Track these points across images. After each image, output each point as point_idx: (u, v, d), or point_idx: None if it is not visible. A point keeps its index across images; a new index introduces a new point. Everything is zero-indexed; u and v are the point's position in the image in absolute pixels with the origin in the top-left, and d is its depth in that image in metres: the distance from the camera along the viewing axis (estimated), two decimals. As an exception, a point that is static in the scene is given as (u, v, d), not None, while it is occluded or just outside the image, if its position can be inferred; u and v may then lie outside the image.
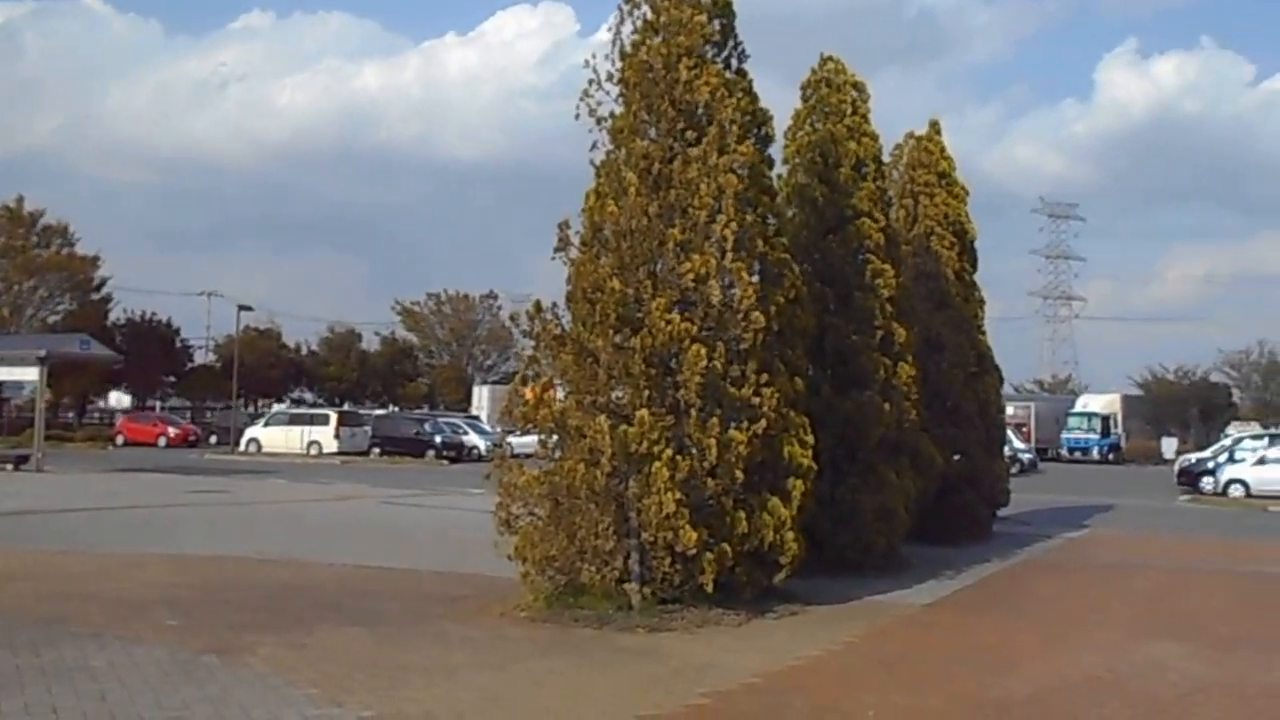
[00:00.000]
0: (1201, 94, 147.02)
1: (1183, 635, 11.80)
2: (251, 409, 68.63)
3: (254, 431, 49.89)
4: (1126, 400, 68.56)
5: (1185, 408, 77.28)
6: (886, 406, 15.01)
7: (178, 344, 67.97)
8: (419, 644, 9.98)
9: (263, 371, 68.24)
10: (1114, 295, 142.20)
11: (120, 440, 53.40)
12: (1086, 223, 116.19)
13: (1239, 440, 42.63)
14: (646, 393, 11.48)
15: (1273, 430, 51.68)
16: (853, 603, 12.81)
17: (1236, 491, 35.36)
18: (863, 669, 9.88)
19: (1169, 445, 63.20)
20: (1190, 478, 39.20)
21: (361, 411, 58.39)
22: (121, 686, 7.97)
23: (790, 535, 11.89)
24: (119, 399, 73.97)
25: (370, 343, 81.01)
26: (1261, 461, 36.67)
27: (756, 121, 12.92)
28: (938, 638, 11.42)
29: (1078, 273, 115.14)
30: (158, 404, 70.51)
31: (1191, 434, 71.51)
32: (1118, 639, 11.53)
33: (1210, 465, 38.94)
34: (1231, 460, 38.09)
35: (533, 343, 12.33)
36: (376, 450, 46.99)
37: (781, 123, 15.46)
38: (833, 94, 15.86)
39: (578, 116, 12.43)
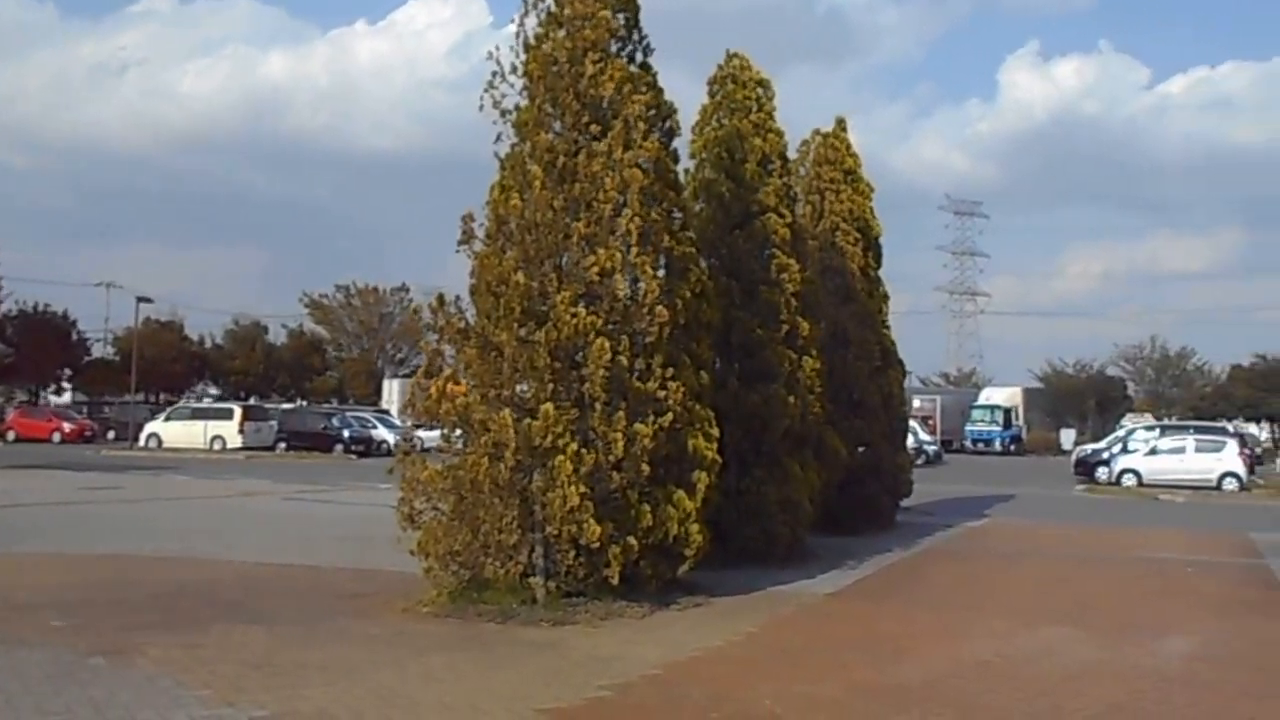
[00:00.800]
0: (1100, 96, 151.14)
1: (1072, 621, 12.12)
2: (153, 404, 67.03)
3: (154, 426, 48.76)
4: (1028, 393, 70.34)
5: (1083, 400, 79.34)
6: (792, 400, 15.16)
7: (74, 336, 66.22)
8: (318, 642, 9.84)
9: (164, 365, 66.67)
10: (1017, 291, 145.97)
11: (11, 436, 51.86)
12: (991, 220, 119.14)
13: (1132, 431, 43.95)
14: (551, 386, 11.46)
15: (1165, 422, 53.35)
16: (756, 593, 12.92)
17: (1129, 481, 36.56)
18: (763, 658, 9.98)
19: (1068, 436, 65.03)
20: (1086, 468, 40.33)
21: (268, 406, 57.41)
22: (0, 692, 7.75)
23: (695, 528, 11.97)
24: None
25: (277, 336, 79.75)
26: (1153, 452, 37.93)
27: (662, 116, 12.94)
28: (838, 626, 11.59)
29: (982, 269, 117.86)
30: (52, 398, 68.47)
31: (1089, 425, 73.49)
32: (1011, 625, 11.80)
33: (1105, 456, 40.12)
34: (1125, 451, 39.33)
35: (436, 336, 12.25)
36: (283, 445, 46.33)
37: (691, 118, 15.62)
38: (739, 90, 15.97)
39: (481, 108, 12.39)
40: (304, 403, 67.00)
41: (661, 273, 12.29)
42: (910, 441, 28.97)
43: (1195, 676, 9.75)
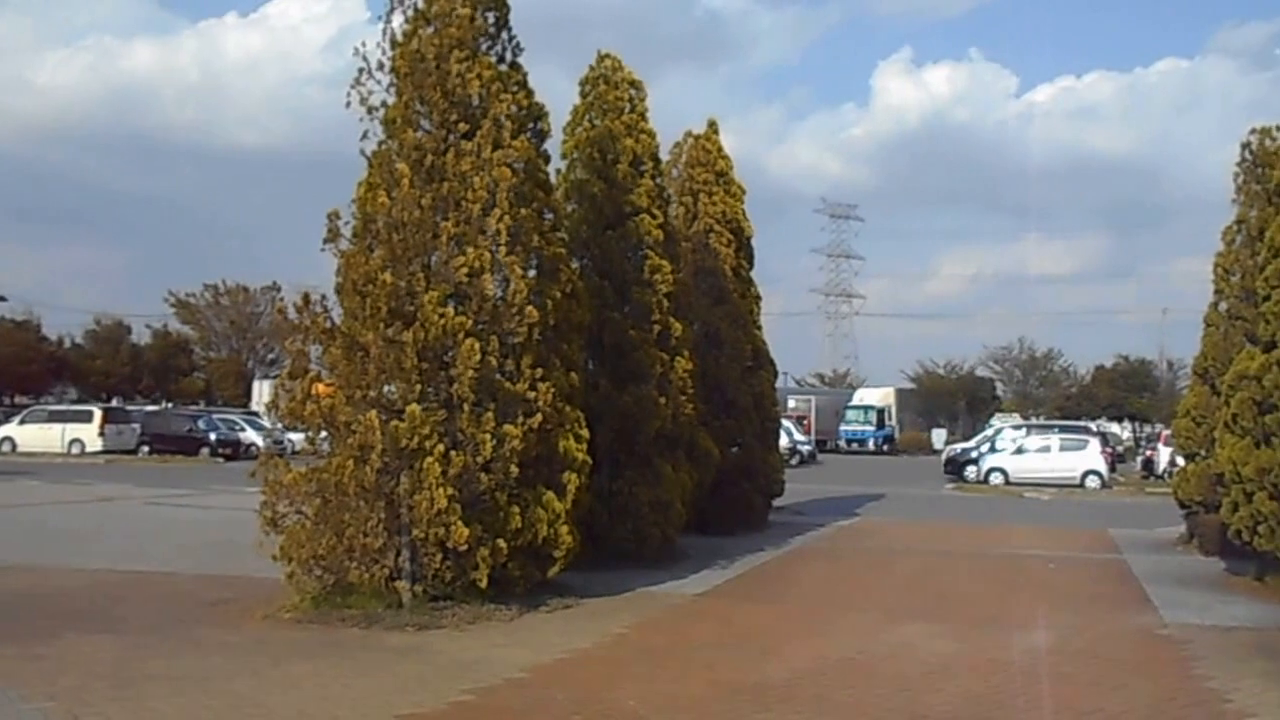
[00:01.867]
0: (970, 103, 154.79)
1: (934, 616, 12.38)
2: (7, 406, 64.34)
3: (7, 429, 46.70)
4: (900, 393, 71.62)
5: (954, 400, 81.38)
6: (663, 400, 15.21)
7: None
8: (171, 651, 9.53)
9: (18, 366, 64.15)
10: (891, 293, 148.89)
11: None
12: (865, 223, 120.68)
13: (1000, 431, 45.14)
14: (419, 387, 11.33)
15: (1031, 422, 54.94)
16: (626, 594, 12.92)
17: (997, 479, 37.52)
18: (630, 659, 9.98)
19: (938, 436, 66.48)
20: (956, 466, 41.27)
21: (130, 408, 55.54)
22: None
23: (565, 529, 11.92)
24: None
25: (142, 336, 77.20)
26: (1019, 451, 39.00)
27: (532, 116, 12.88)
28: (706, 626, 11.64)
29: (857, 271, 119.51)
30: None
31: (959, 425, 75.35)
32: (874, 622, 12.01)
33: (974, 455, 41.12)
34: (993, 450, 40.35)
35: (301, 336, 11.98)
36: (146, 449, 44.81)
37: (563, 118, 15.56)
38: (610, 91, 15.96)
39: (349, 105, 12.15)
40: (169, 405, 64.97)
41: (532, 273, 12.23)
42: (784, 441, 29.43)
43: (1050, 669, 9.99)
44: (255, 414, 52.90)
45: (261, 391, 62.33)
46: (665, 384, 15.40)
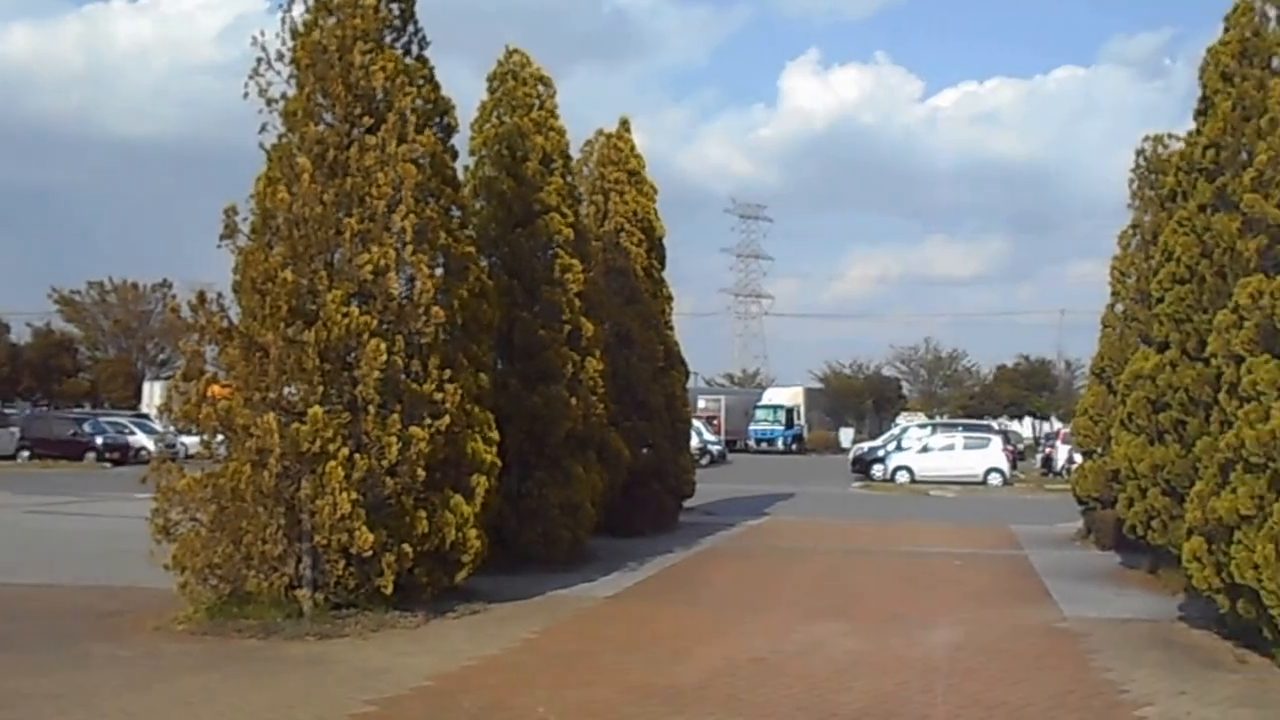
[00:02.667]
0: (876, 106, 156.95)
1: (843, 615, 12.44)
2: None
3: None
4: (809, 393, 72.13)
5: (861, 400, 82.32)
6: (574, 401, 15.09)
7: None
8: (55, 667, 9.15)
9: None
10: (800, 293, 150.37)
11: None
12: (774, 223, 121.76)
13: (906, 430, 45.76)
14: (321, 389, 11.09)
15: (936, 421, 55.79)
16: (536, 598, 12.78)
17: (903, 478, 38.04)
18: (539, 665, 9.82)
19: (846, 435, 67.27)
20: (863, 465, 41.77)
21: (9, 410, 53.66)
22: None
23: (473, 533, 11.75)
24: None
25: (22, 334, 74.25)
26: (925, 449, 39.61)
27: (439, 111, 12.66)
28: (616, 629, 11.53)
29: (766, 271, 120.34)
30: None
31: (866, 424, 76.29)
32: (784, 621, 12.01)
33: (880, 454, 41.63)
34: (899, 449, 40.90)
35: (197, 336, 11.62)
36: (26, 454, 43.14)
37: (472, 114, 15.36)
38: (519, 87, 15.78)
39: (246, 96, 11.82)
40: (51, 406, 62.89)
41: (439, 271, 12.05)
42: (695, 442, 29.38)
43: (956, 664, 10.09)
44: (146, 417, 51.30)
45: (153, 393, 60.66)
46: (576, 384, 15.28)
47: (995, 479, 38.10)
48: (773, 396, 68.15)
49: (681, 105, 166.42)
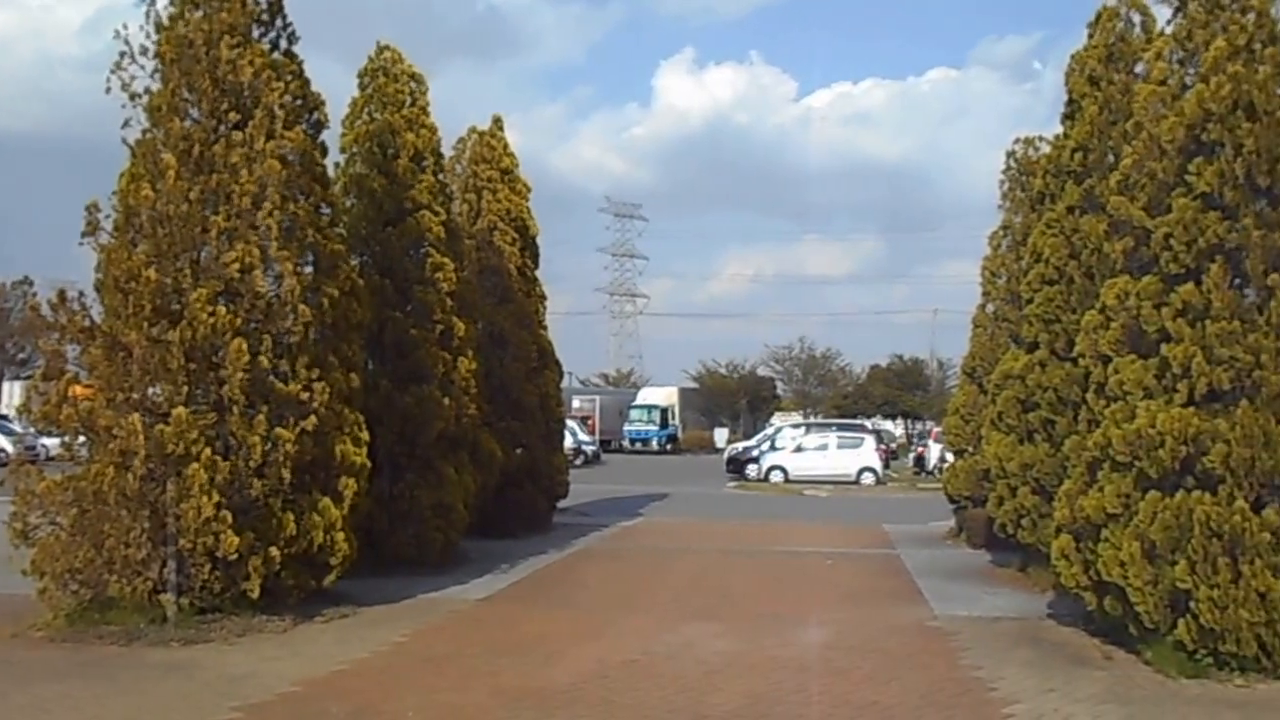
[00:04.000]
0: (751, 105, 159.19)
1: (717, 615, 12.50)
2: None
3: None
4: (683, 393, 72.56)
5: (735, 399, 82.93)
6: (446, 401, 14.90)
7: None
8: (-100, 678, 8.71)
9: None
10: (675, 293, 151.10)
11: None
12: (650, 223, 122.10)
13: (780, 430, 46.34)
14: (186, 389, 10.79)
15: (810, 420, 56.64)
16: (406, 601, 12.59)
17: (777, 477, 38.47)
18: (409, 669, 9.65)
19: (721, 435, 67.84)
20: (737, 465, 42.15)
21: None
22: None
23: (342, 535, 11.53)
24: None
25: None
26: (799, 449, 40.12)
27: (308, 106, 12.36)
28: (488, 632, 11.39)
29: (642, 270, 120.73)
30: None
31: (741, 424, 77.00)
32: (658, 622, 12.01)
33: (755, 453, 42.06)
34: (773, 448, 41.37)
35: (57, 335, 11.17)
36: None
37: (342, 110, 15.07)
38: (390, 84, 15.53)
39: (109, 90, 11.43)
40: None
41: (308, 270, 11.84)
42: (569, 442, 29.35)
43: (828, 664, 10.22)
44: (4, 418, 49.24)
45: (11, 393, 58.37)
46: (448, 385, 15.09)
47: (868, 478, 38.82)
48: (647, 396, 68.38)
49: (556, 103, 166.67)
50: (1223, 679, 9.16)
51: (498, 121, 20.91)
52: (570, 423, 35.79)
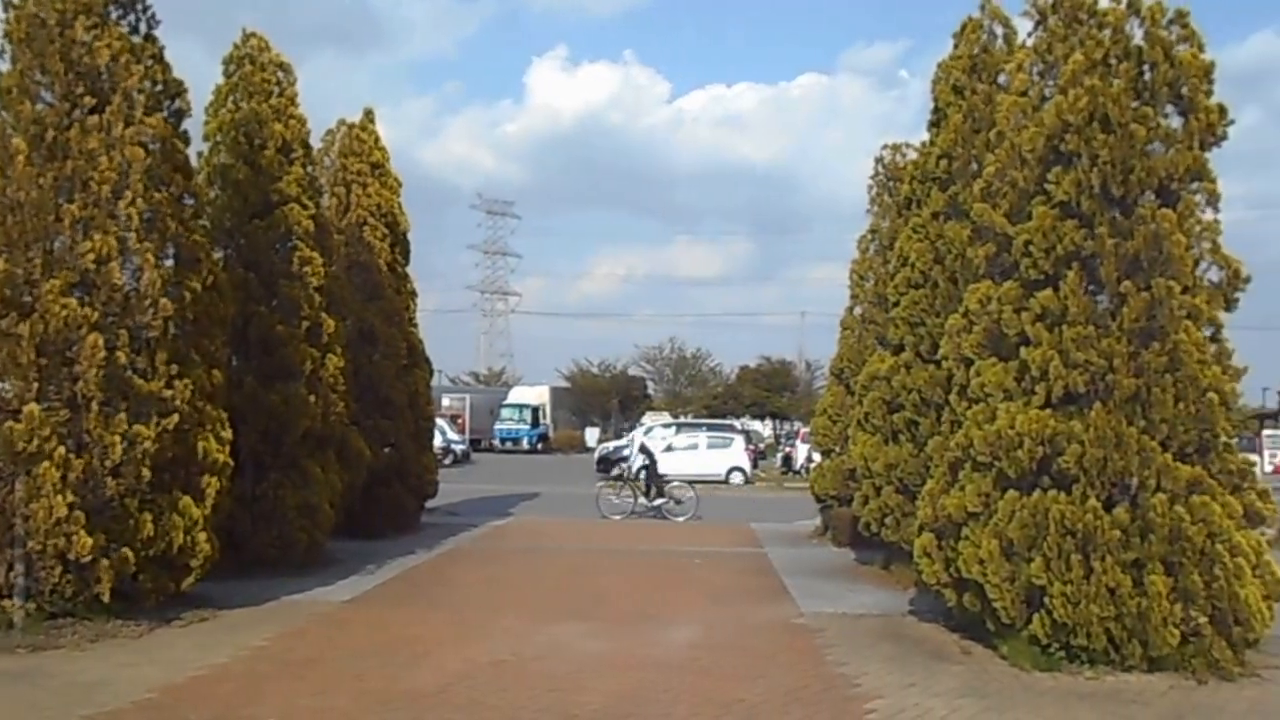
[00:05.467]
0: (624, 105, 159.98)
1: (586, 615, 12.47)
2: None
3: None
4: (555, 392, 72.33)
5: (607, 399, 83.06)
6: (313, 399, 14.60)
7: None
8: None
9: None
10: (547, 291, 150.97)
11: None
12: (522, 220, 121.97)
13: (650, 429, 46.50)
14: (37, 385, 10.37)
15: (680, 420, 57.02)
16: (269, 604, 12.29)
17: (647, 476, 38.48)
18: (271, 673, 9.39)
19: (592, 434, 67.77)
20: (608, 465, 42.06)
21: None
22: None
23: (202, 536, 11.22)
24: None
25: None
26: (669, 449, 40.27)
27: (169, 93, 11.93)
28: (353, 634, 11.15)
29: (514, 268, 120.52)
30: None
31: (612, 423, 77.15)
32: (527, 622, 11.92)
33: (626, 453, 42.08)
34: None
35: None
36: None
37: (206, 98, 14.64)
38: (257, 72, 15.11)
39: (-49, 71, 10.89)
40: None
41: (169, 262, 11.44)
42: (438, 441, 29.04)
43: (694, 662, 10.24)
44: None
45: None
46: (315, 382, 14.79)
47: (737, 478, 39.25)
48: (518, 395, 67.98)
49: (426, 97, 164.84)
50: (1074, 671, 9.49)
51: (368, 114, 20.57)
52: (440, 421, 35.45)
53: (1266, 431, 52.15)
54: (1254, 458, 14.25)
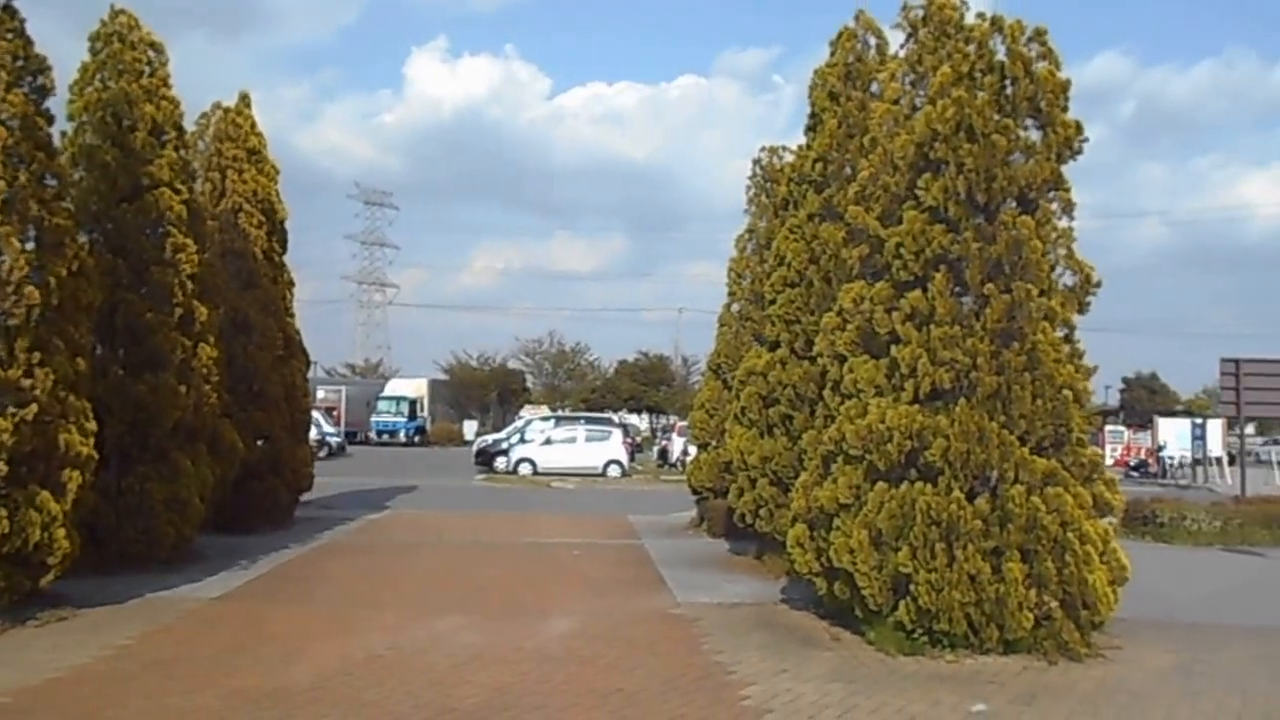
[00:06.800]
0: (505, 100, 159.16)
1: (464, 608, 12.42)
2: None
3: None
4: (433, 385, 71.66)
5: (486, 392, 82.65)
6: (184, 389, 14.20)
7: None
8: None
9: None
10: (426, 283, 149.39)
11: None
12: (401, 211, 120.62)
13: (529, 423, 46.43)
14: (-111, 374, 9.87)
15: (559, 413, 57.02)
16: (134, 601, 11.96)
17: (525, 470, 38.65)
18: (135, 673, 9.13)
19: (470, 427, 67.41)
20: (487, 457, 42.00)
21: None
22: None
23: (62, 532, 10.84)
24: None
25: None
26: (547, 442, 40.34)
27: (31, 69, 11.47)
28: (223, 632, 10.93)
29: (392, 260, 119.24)
30: None
31: (490, 417, 76.79)
32: (405, 616, 11.83)
33: (504, 446, 42.01)
34: (522, 441, 41.46)
35: None
36: None
37: (70, 76, 14.11)
38: (127, 51, 14.58)
39: None
40: None
41: (30, 246, 11.00)
42: (313, 433, 28.54)
43: (573, 654, 10.29)
44: None
45: None
46: (187, 372, 14.40)
47: (615, 470, 39.44)
48: (396, 388, 67.22)
49: (303, 83, 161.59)
50: (936, 655, 9.85)
51: (245, 99, 20.09)
52: (315, 414, 34.83)
53: (1109, 427, 55.14)
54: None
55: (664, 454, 47.14)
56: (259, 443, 18.57)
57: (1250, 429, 61.70)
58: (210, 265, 15.91)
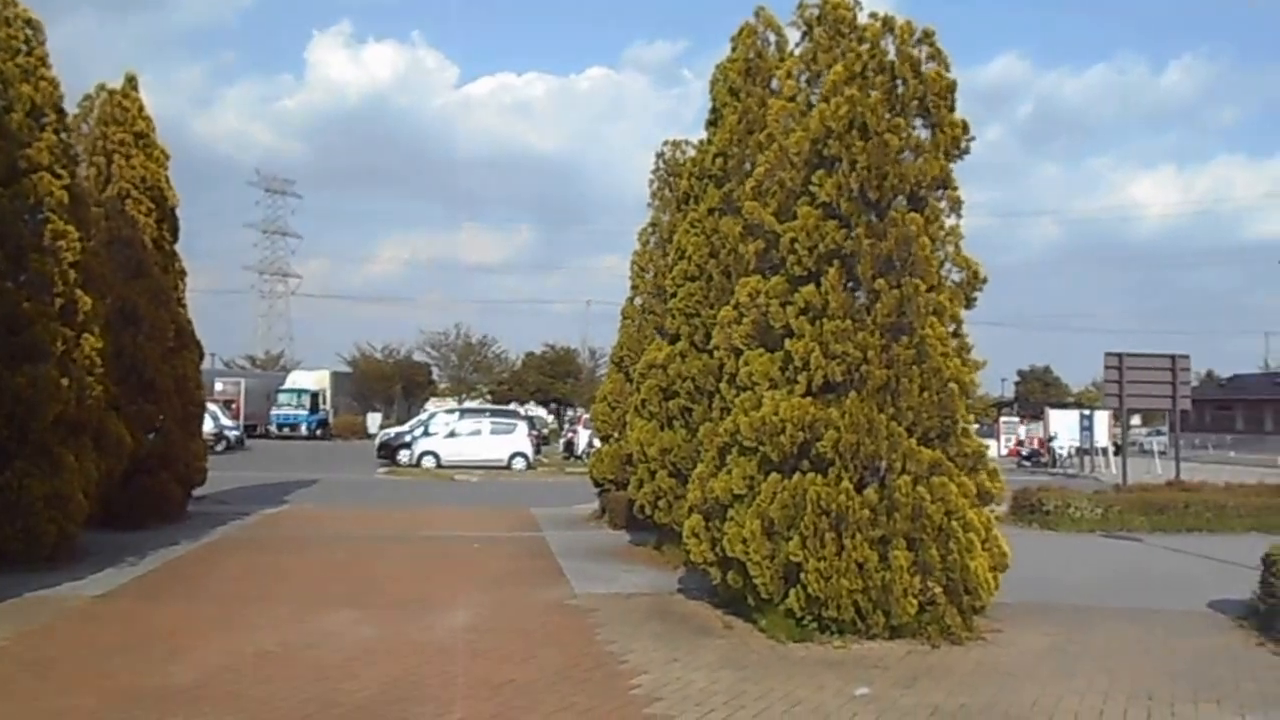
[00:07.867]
0: (411, 87, 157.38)
1: (358, 603, 12.27)
2: None
3: None
4: (336, 377, 70.77)
5: (390, 384, 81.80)
6: (66, 382, 13.81)
7: None
8: None
9: None
10: (329, 274, 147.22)
11: None
12: (304, 200, 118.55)
13: (434, 415, 46.11)
14: None
15: (464, 406, 56.69)
16: (11, 601, 11.61)
17: (429, 463, 38.39)
18: (9, 675, 8.83)
19: (374, 420, 66.63)
20: (390, 451, 41.63)
21: None
22: None
23: (-64, 530, 10.46)
24: None
25: None
26: (452, 434, 40.12)
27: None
28: (105, 630, 10.64)
29: (295, 249, 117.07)
30: None
31: (395, 409, 76.03)
32: (296, 612, 11.65)
33: (408, 439, 41.66)
34: (426, 434, 41.15)
35: None
36: None
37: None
38: (2, 29, 14.10)
39: None
40: None
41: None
42: (209, 426, 28.05)
43: (468, 646, 10.24)
44: None
45: None
46: (69, 364, 14.00)
47: (519, 463, 39.35)
48: (297, 380, 66.18)
49: (197, 65, 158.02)
50: (824, 641, 10.04)
51: (131, 80, 19.55)
52: (212, 406, 34.23)
53: (1003, 418, 56.85)
54: (991, 442, 15.28)
55: (570, 446, 47.13)
56: (149, 436, 18.14)
57: (1136, 420, 63.64)
58: (95, 253, 15.49)
